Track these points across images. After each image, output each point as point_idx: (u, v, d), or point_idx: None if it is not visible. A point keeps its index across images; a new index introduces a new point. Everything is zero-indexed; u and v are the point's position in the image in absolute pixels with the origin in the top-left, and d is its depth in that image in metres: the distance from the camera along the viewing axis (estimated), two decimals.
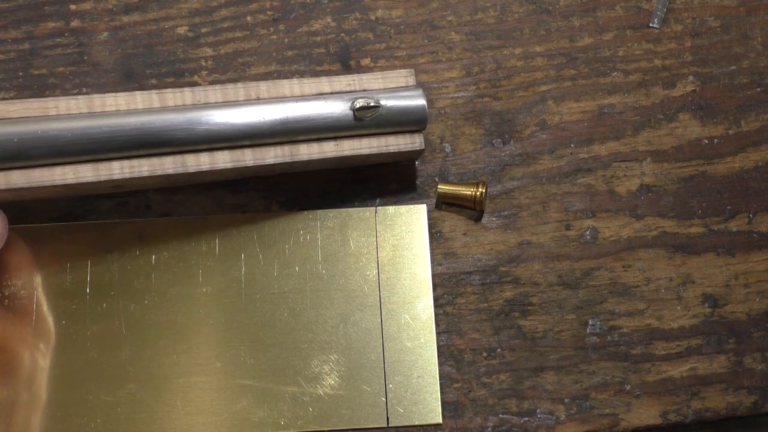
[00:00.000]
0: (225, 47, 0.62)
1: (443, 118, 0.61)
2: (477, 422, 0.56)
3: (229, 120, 0.52)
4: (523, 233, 0.60)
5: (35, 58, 0.61)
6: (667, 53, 0.63)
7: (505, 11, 0.64)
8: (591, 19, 0.63)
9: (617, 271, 0.59)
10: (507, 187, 0.61)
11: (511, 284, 0.59)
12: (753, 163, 0.62)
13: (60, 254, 0.56)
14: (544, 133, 0.62)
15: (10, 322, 0.55)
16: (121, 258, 0.57)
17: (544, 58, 0.63)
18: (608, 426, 0.57)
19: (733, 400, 0.57)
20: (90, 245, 0.57)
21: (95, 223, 0.57)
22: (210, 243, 0.57)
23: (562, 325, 0.58)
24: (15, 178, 0.50)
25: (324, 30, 0.62)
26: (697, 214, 0.61)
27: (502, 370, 0.57)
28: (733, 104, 0.63)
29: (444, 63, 0.62)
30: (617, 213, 0.60)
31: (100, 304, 0.56)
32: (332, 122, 0.53)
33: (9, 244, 0.56)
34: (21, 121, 0.50)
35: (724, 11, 0.64)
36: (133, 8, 0.62)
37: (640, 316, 0.59)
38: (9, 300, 0.55)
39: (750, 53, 0.63)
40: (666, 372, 0.58)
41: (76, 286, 0.56)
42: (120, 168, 0.51)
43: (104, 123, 0.51)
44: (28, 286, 0.56)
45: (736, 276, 0.60)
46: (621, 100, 0.62)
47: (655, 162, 0.61)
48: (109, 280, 0.56)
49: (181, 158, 0.52)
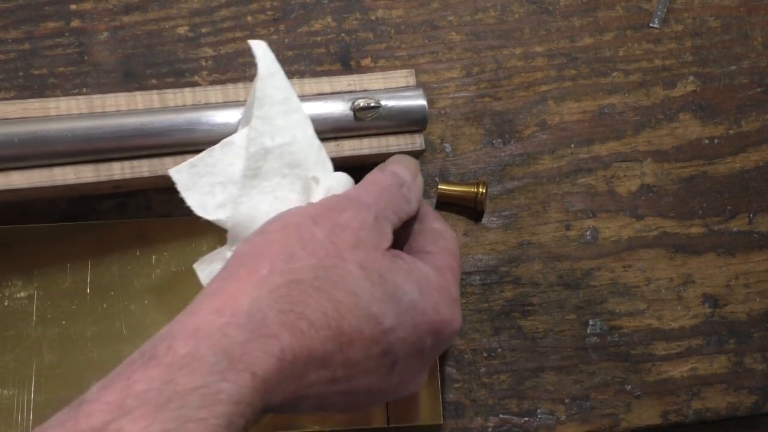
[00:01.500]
0: (225, 47, 0.62)
1: (443, 119, 0.61)
2: (477, 422, 0.56)
3: (230, 120, 0.52)
4: (524, 233, 0.60)
5: (35, 58, 0.61)
6: (668, 53, 0.63)
7: (505, 11, 0.64)
8: (591, 19, 0.63)
9: (617, 271, 0.59)
10: (507, 187, 0.61)
11: (511, 284, 0.59)
12: (753, 163, 0.62)
13: (60, 255, 0.56)
14: (545, 133, 0.62)
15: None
16: (122, 258, 0.57)
17: (544, 58, 0.63)
18: (608, 426, 0.57)
19: (734, 401, 0.58)
20: (90, 246, 0.57)
21: (95, 224, 0.57)
22: (210, 243, 0.57)
23: (562, 325, 0.58)
24: (15, 179, 0.50)
25: (324, 30, 0.62)
26: (698, 215, 0.61)
27: (502, 370, 0.57)
28: (733, 104, 0.63)
29: (444, 63, 0.62)
30: (617, 213, 0.60)
31: (100, 304, 0.56)
32: (333, 122, 0.53)
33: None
34: (21, 121, 0.50)
35: (724, 11, 0.64)
36: (134, 8, 0.62)
37: (640, 316, 0.59)
38: (9, 300, 0.55)
39: (750, 53, 0.63)
40: (666, 372, 0.58)
41: (77, 286, 0.56)
42: (120, 168, 0.51)
43: (105, 123, 0.51)
44: (28, 286, 0.56)
45: (737, 276, 0.60)
46: (621, 100, 0.62)
47: (655, 162, 0.61)
48: (109, 280, 0.56)
49: (182, 158, 0.52)
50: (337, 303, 0.41)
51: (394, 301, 0.44)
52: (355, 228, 0.44)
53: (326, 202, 0.46)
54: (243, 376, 0.37)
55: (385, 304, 0.43)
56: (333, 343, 0.41)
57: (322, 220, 0.44)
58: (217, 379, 0.36)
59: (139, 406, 0.35)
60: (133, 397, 0.35)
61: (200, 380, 0.36)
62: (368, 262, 0.44)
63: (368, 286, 0.43)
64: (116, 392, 0.36)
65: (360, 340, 0.42)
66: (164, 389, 0.35)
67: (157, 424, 0.34)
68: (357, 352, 0.42)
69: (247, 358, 0.38)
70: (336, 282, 0.42)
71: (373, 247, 0.44)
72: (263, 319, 0.39)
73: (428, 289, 0.46)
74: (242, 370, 0.37)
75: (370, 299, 0.43)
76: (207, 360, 0.37)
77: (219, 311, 0.39)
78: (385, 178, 0.49)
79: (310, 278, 0.41)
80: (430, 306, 0.46)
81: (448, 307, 0.47)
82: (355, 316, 0.42)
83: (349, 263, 0.43)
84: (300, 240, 0.43)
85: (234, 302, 0.39)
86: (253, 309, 0.39)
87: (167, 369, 0.36)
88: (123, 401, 0.35)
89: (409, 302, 0.45)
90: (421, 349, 0.46)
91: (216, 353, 0.37)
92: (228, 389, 0.36)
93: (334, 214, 0.45)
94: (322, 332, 0.41)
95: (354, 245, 0.44)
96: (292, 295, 0.41)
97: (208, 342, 0.37)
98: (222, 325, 0.38)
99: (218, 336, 0.38)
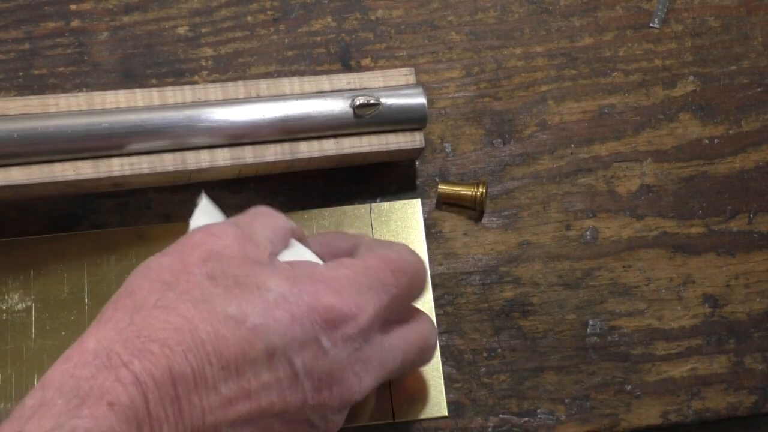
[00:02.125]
0: (225, 47, 0.62)
1: (443, 118, 0.61)
2: (477, 422, 0.56)
3: (229, 117, 0.52)
4: (524, 233, 0.60)
5: (35, 58, 0.61)
6: (668, 53, 0.63)
7: (505, 11, 0.64)
8: (591, 19, 0.64)
9: (617, 271, 0.59)
10: (507, 187, 0.61)
11: (511, 284, 0.59)
12: (753, 163, 0.62)
13: (56, 265, 0.56)
14: (545, 133, 0.62)
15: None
16: (119, 265, 0.56)
17: (544, 58, 0.63)
18: (608, 426, 0.57)
19: (734, 401, 0.57)
20: (86, 254, 0.56)
21: (91, 233, 0.57)
22: None
23: (562, 325, 0.58)
24: (15, 175, 0.50)
25: (324, 30, 0.63)
26: (698, 215, 0.61)
27: (502, 370, 0.57)
28: (733, 104, 0.63)
29: (444, 63, 0.62)
30: (617, 213, 0.60)
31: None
32: (332, 120, 0.54)
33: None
34: (21, 117, 0.50)
35: (724, 11, 0.64)
36: (134, 8, 0.62)
37: (640, 316, 0.58)
38: (7, 314, 0.55)
39: (750, 53, 0.63)
40: (666, 372, 0.58)
41: (75, 296, 0.56)
42: (120, 165, 0.51)
43: (104, 120, 0.51)
44: (25, 299, 0.55)
45: (737, 276, 0.59)
46: (621, 100, 0.62)
47: (655, 162, 0.61)
48: (107, 288, 0.56)
49: (181, 156, 0.52)
50: (185, 314, 0.39)
51: (258, 299, 0.41)
52: (209, 243, 0.43)
53: (182, 238, 0.44)
54: (99, 408, 0.36)
55: (245, 303, 0.40)
56: (196, 356, 0.39)
57: (171, 249, 0.43)
58: (69, 417, 0.35)
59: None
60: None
61: (51, 423, 0.35)
62: (220, 270, 0.42)
63: (220, 291, 0.41)
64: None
65: (228, 347, 0.39)
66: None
67: None
68: (233, 361, 0.40)
69: (97, 391, 0.36)
70: (181, 295, 0.40)
71: (231, 255, 0.42)
72: (109, 353, 0.38)
73: (305, 280, 0.43)
74: (96, 402, 0.36)
75: (225, 303, 0.40)
76: (55, 403, 0.36)
77: (67, 358, 0.38)
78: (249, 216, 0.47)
79: (152, 301, 0.40)
80: (306, 294, 0.42)
81: (334, 294, 0.42)
82: (210, 323, 0.39)
83: (197, 275, 0.41)
84: (145, 274, 0.42)
85: (81, 346, 0.39)
86: (98, 347, 0.38)
87: (16, 422, 0.36)
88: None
89: (279, 294, 0.41)
90: (320, 347, 0.42)
91: (63, 395, 0.36)
92: (83, 424, 0.35)
93: (185, 239, 0.43)
94: (178, 348, 0.38)
95: (204, 259, 0.42)
96: (136, 323, 0.39)
97: (55, 387, 0.37)
98: (68, 368, 0.37)
99: (65, 379, 0.37)
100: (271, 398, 0.41)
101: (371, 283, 0.44)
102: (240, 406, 0.40)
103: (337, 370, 0.43)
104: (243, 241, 0.43)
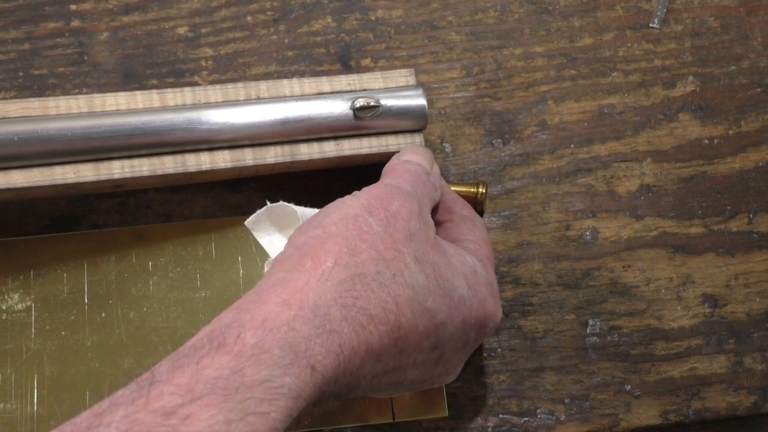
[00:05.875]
0: (225, 47, 0.62)
1: (443, 119, 0.61)
2: (477, 422, 0.56)
3: (230, 119, 0.52)
4: (523, 233, 0.60)
5: (35, 58, 0.61)
6: (667, 53, 0.63)
7: (505, 11, 0.64)
8: (591, 19, 0.64)
9: (617, 271, 0.59)
10: (507, 187, 0.61)
11: (511, 284, 0.59)
12: (753, 164, 0.62)
13: (56, 265, 0.56)
14: (544, 133, 0.62)
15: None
16: (118, 266, 0.57)
17: (544, 58, 0.63)
18: (608, 426, 0.57)
19: (733, 401, 0.57)
20: (86, 254, 0.57)
21: (90, 232, 0.57)
22: (206, 247, 0.57)
23: (562, 325, 0.58)
24: (15, 178, 0.50)
25: (324, 30, 0.62)
26: (697, 215, 0.61)
27: (502, 370, 0.57)
28: (733, 104, 0.63)
29: (444, 63, 0.62)
30: (617, 213, 0.60)
31: (99, 313, 0.56)
32: (332, 122, 0.53)
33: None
34: (21, 120, 0.50)
35: (724, 11, 0.64)
36: (134, 8, 0.62)
37: (640, 316, 0.59)
38: (7, 314, 0.55)
39: (750, 53, 0.63)
40: (666, 372, 0.58)
41: (74, 296, 0.56)
42: (120, 167, 0.51)
43: (104, 122, 0.51)
44: (25, 298, 0.55)
45: (736, 276, 0.60)
46: (621, 100, 0.62)
47: (655, 162, 0.61)
48: (106, 288, 0.56)
49: (182, 158, 0.52)
50: (396, 297, 0.42)
51: (446, 297, 0.45)
52: (406, 218, 0.45)
53: (374, 191, 0.46)
54: (305, 372, 0.38)
55: (439, 298, 0.44)
56: (390, 338, 0.42)
57: (376, 211, 0.44)
58: (281, 373, 0.37)
59: (208, 393, 0.35)
60: (203, 383, 0.35)
61: (266, 373, 0.36)
62: (422, 254, 0.44)
63: (423, 279, 0.43)
64: (186, 376, 0.36)
65: (414, 335, 0.43)
66: (232, 379, 0.36)
67: (222, 413, 0.34)
68: (410, 346, 0.43)
69: (309, 353, 0.38)
70: (395, 275, 0.42)
71: (424, 238, 0.45)
72: (327, 313, 0.39)
73: (476, 284, 0.47)
74: (304, 365, 0.38)
75: (426, 293, 0.43)
76: (273, 353, 0.37)
77: (287, 303, 0.39)
78: (414, 167, 0.49)
79: (372, 272, 0.42)
80: (477, 301, 0.47)
81: (493, 300, 0.48)
82: (412, 311, 0.42)
83: (406, 256, 0.43)
84: (359, 233, 0.43)
85: (301, 295, 0.40)
86: (318, 303, 0.40)
87: (236, 359, 0.36)
88: (193, 386, 0.35)
89: (460, 297, 0.45)
90: (465, 343, 0.47)
91: (282, 347, 0.37)
92: (290, 384, 0.37)
93: (386, 203, 0.45)
94: (381, 327, 0.41)
95: (407, 237, 0.44)
96: (356, 289, 0.41)
97: (276, 335, 0.38)
98: (289, 318, 0.39)
99: (285, 329, 0.38)
100: (415, 374, 0.46)
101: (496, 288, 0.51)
102: (391, 377, 0.44)
103: (464, 357, 0.50)
104: (424, 221, 0.46)
